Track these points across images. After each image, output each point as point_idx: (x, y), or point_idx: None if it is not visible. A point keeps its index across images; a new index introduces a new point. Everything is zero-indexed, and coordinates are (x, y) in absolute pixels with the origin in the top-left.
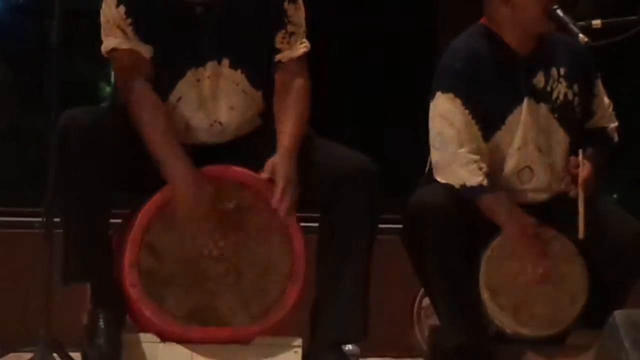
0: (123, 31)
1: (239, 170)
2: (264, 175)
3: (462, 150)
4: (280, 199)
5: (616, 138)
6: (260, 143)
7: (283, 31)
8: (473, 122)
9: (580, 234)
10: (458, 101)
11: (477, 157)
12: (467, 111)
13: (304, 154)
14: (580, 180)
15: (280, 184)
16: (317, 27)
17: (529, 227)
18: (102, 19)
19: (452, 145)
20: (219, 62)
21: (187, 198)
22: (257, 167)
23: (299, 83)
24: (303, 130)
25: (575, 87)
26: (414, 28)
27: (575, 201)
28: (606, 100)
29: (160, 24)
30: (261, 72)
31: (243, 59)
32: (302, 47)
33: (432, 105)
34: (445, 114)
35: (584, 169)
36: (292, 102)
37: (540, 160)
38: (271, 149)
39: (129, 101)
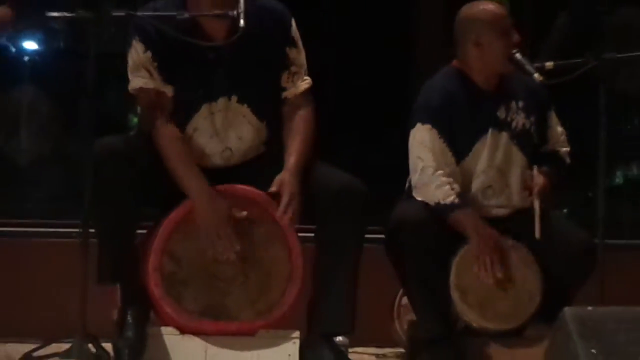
0: (149, 72)
1: (246, 188)
2: (272, 189)
3: (438, 173)
4: (284, 211)
5: (568, 160)
6: (263, 166)
7: (287, 72)
8: (447, 149)
9: (537, 234)
10: (434, 131)
11: (450, 179)
12: (441, 140)
13: (306, 174)
14: (535, 189)
15: (285, 198)
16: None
17: (491, 239)
18: (130, 61)
19: (429, 169)
20: (229, 98)
21: (205, 210)
22: (261, 185)
23: (304, 113)
24: (308, 153)
25: (532, 117)
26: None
27: (532, 209)
28: (559, 128)
29: (180, 66)
30: (265, 106)
31: (249, 95)
32: (304, 83)
33: (411, 134)
34: (424, 142)
35: (538, 180)
36: (298, 128)
37: (501, 181)
38: (272, 171)
39: (153, 132)
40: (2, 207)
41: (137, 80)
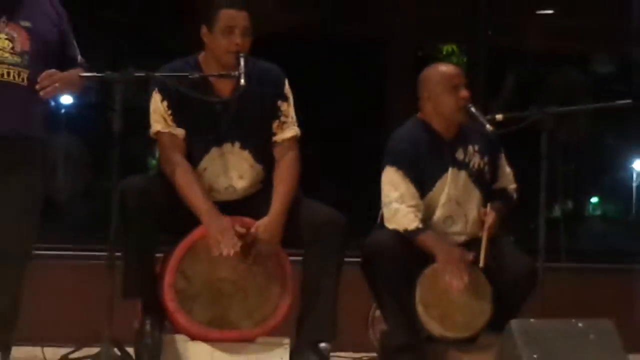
0: (165, 119)
1: (243, 219)
2: (240, 227)
3: (403, 205)
4: (254, 256)
5: (515, 196)
6: (260, 201)
7: (277, 121)
8: (412, 185)
9: (481, 264)
10: (401, 172)
11: (414, 209)
12: (407, 179)
13: (294, 209)
14: (485, 225)
15: (258, 247)
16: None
17: (454, 252)
18: (151, 109)
19: (397, 203)
20: (232, 144)
21: (212, 223)
22: (258, 217)
23: (289, 157)
24: (292, 195)
25: (486, 158)
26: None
27: (480, 239)
28: (507, 169)
29: (191, 115)
30: (262, 152)
31: (249, 142)
32: (291, 131)
33: (383, 174)
34: (392, 181)
35: (489, 218)
36: (283, 175)
37: (459, 212)
38: (267, 205)
39: (168, 169)
40: (43, 234)
41: (156, 125)
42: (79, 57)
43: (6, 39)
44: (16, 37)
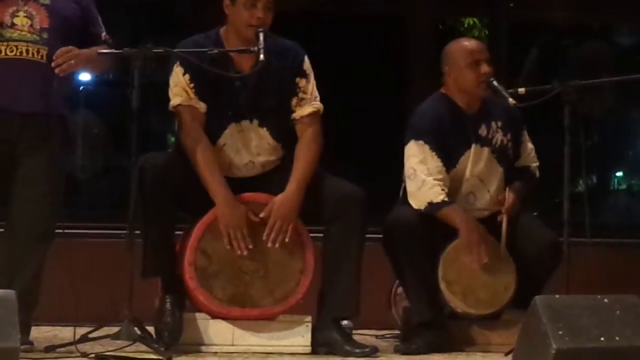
0: (186, 92)
1: (264, 195)
2: (261, 215)
3: (430, 177)
4: (268, 233)
5: (537, 173)
6: (280, 176)
7: (295, 98)
8: (437, 159)
9: (502, 250)
10: (426, 146)
11: (440, 182)
12: (433, 153)
13: (315, 185)
14: (504, 207)
15: (271, 221)
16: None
17: (478, 229)
18: (171, 83)
19: (422, 175)
20: (251, 121)
21: (225, 213)
22: (277, 192)
23: (309, 133)
24: (311, 171)
25: (509, 135)
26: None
27: (501, 225)
28: (530, 145)
29: (212, 90)
30: (280, 129)
31: (267, 120)
32: (310, 107)
33: (406, 149)
34: (416, 155)
35: (509, 201)
36: (303, 150)
37: (482, 188)
38: (286, 180)
39: (187, 144)
40: (63, 213)
41: (176, 99)
42: (104, 35)
43: (25, 16)
44: (35, 14)
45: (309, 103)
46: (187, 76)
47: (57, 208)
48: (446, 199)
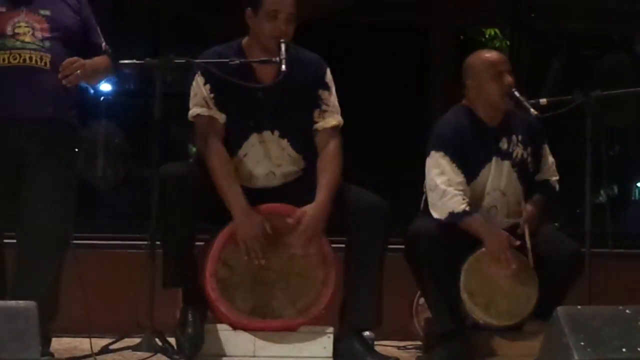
0: (206, 102)
1: (284, 206)
2: (290, 220)
3: (450, 188)
4: (296, 241)
5: (557, 187)
6: (300, 187)
7: (318, 110)
8: (458, 170)
9: (531, 263)
10: (447, 157)
11: (461, 192)
12: (454, 165)
13: (337, 196)
14: (522, 221)
15: (302, 226)
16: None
17: (502, 238)
18: (192, 92)
19: (443, 185)
20: (272, 132)
21: (242, 225)
22: (299, 203)
23: (332, 145)
24: (336, 184)
25: (529, 149)
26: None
27: (523, 236)
28: (551, 159)
29: (233, 100)
30: (301, 140)
31: (288, 131)
32: (332, 120)
33: (428, 160)
34: (438, 166)
35: (527, 212)
36: (327, 164)
37: (503, 201)
38: (307, 191)
39: (206, 154)
40: (84, 223)
41: (196, 109)
42: (104, 44)
43: (26, 26)
44: (36, 24)
45: (331, 115)
46: (207, 86)
47: (70, 214)
48: (467, 209)
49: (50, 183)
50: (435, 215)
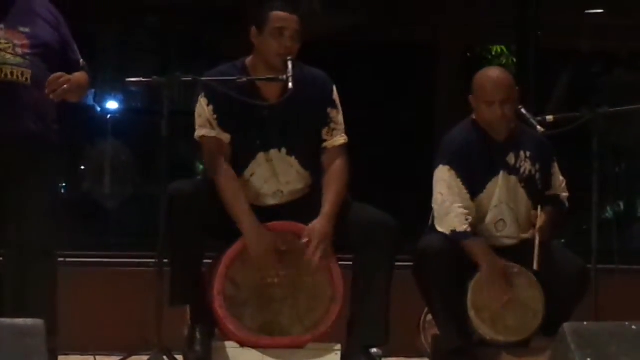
0: (210, 123)
1: (292, 224)
2: (304, 240)
3: (455, 205)
4: (313, 253)
5: (567, 205)
6: (309, 204)
7: (327, 128)
8: (463, 187)
9: (535, 266)
10: (453, 172)
11: (466, 211)
12: (459, 180)
13: (344, 214)
14: (537, 226)
15: (314, 241)
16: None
17: (498, 266)
18: (196, 114)
19: (449, 201)
20: (279, 150)
21: (254, 243)
22: (307, 220)
23: (339, 164)
24: (341, 200)
25: (537, 165)
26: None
27: (533, 241)
28: (560, 177)
29: (238, 120)
30: (309, 158)
31: (296, 149)
32: (341, 138)
33: (435, 173)
34: (444, 180)
35: (540, 219)
36: (333, 179)
37: (510, 216)
38: (315, 209)
39: (214, 174)
40: (91, 241)
41: (201, 130)
42: (81, 60)
43: (6, 43)
44: (16, 42)
45: (339, 133)
46: (211, 107)
47: (53, 228)
48: (469, 230)
49: (34, 198)
50: (440, 229)
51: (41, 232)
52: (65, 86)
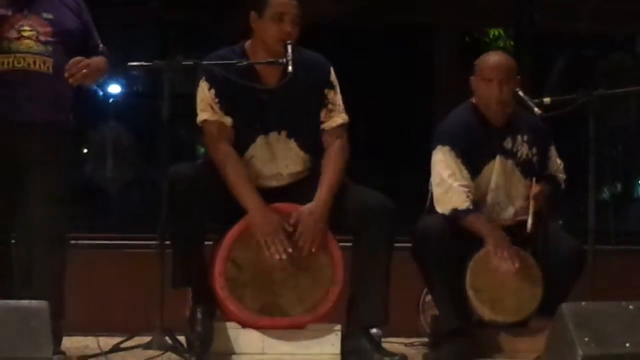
0: (212, 107)
1: (294, 206)
2: (290, 223)
3: (456, 183)
4: (296, 242)
5: (563, 186)
6: (308, 187)
7: (325, 109)
8: (463, 166)
9: (528, 229)
10: (453, 152)
11: (466, 188)
12: (459, 160)
13: (342, 195)
14: (531, 194)
15: (299, 229)
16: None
17: (504, 237)
18: (198, 98)
19: (449, 180)
20: (279, 133)
21: (260, 222)
22: (305, 203)
23: (337, 144)
24: (339, 181)
25: (534, 149)
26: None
27: (527, 210)
28: (558, 160)
29: (239, 103)
30: (308, 140)
31: (296, 131)
32: (339, 118)
33: (433, 154)
34: (443, 160)
35: (535, 188)
36: (330, 162)
37: (507, 200)
38: (314, 191)
39: (216, 158)
40: (93, 224)
41: (203, 114)
42: (101, 45)
43: (30, 30)
44: (39, 28)
45: (337, 114)
46: (212, 91)
47: (66, 215)
48: (471, 207)
49: (49, 185)
50: (439, 209)
51: (55, 217)
52: (84, 70)
